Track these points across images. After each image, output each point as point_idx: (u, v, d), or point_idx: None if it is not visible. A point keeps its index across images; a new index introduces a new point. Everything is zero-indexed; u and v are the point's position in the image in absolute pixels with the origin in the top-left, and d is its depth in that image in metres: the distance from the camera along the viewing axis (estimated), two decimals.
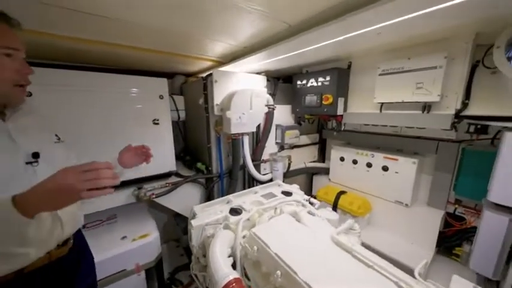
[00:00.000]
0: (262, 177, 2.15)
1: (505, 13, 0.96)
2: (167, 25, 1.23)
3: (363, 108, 1.90)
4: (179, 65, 2.19)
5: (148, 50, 1.64)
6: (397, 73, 1.52)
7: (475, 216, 1.70)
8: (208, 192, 1.98)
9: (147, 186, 1.65)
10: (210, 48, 1.68)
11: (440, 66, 1.32)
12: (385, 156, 2.00)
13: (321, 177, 2.68)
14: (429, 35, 1.33)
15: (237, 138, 1.83)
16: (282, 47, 1.31)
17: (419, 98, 1.43)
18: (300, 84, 2.19)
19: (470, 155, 1.68)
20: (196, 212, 1.48)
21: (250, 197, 1.67)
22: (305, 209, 1.54)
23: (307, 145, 2.69)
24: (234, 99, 1.69)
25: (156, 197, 1.61)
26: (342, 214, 2.21)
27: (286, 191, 1.81)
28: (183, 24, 1.22)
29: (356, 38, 1.17)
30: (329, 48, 1.40)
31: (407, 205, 1.91)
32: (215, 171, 1.97)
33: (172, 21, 1.18)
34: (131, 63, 2.03)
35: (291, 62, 1.81)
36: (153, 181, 1.75)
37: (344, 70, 1.92)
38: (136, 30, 1.27)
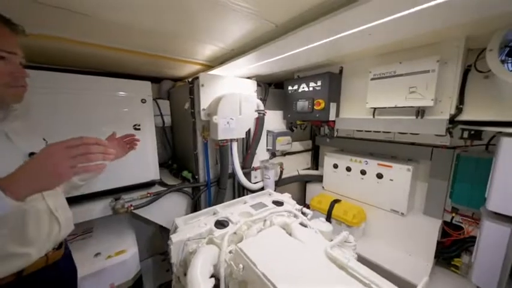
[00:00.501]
0: (252, 185, 2.04)
1: (494, 15, 0.93)
2: (152, 25, 1.17)
3: (356, 113, 1.85)
4: (167, 69, 2.12)
5: (134, 52, 1.56)
6: (389, 77, 1.48)
7: (473, 225, 1.64)
8: (195, 202, 1.85)
9: (126, 197, 1.52)
10: (197, 51, 1.61)
11: (433, 70, 1.28)
12: (379, 163, 1.94)
13: (315, 185, 2.59)
14: (420, 38, 1.31)
15: (225, 145, 1.73)
16: (270, 48, 1.25)
17: (413, 103, 1.38)
18: (292, 90, 2.14)
19: (465, 161, 1.63)
20: (178, 225, 1.35)
21: (239, 208, 1.56)
22: (297, 220, 1.43)
23: (300, 152, 2.62)
24: (222, 104, 1.61)
25: (134, 209, 1.47)
26: (337, 224, 2.11)
27: (277, 200, 1.70)
28: (168, 24, 1.16)
29: (347, 40, 1.13)
30: (319, 51, 1.35)
31: (403, 214, 1.84)
32: (202, 180, 1.85)
33: (157, 20, 1.12)
34: (118, 67, 1.94)
35: (281, 66, 1.75)
36: (134, 191, 1.62)
37: (336, 75, 1.88)
38: (122, 30, 1.21)
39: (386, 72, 1.49)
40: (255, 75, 2.09)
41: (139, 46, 1.51)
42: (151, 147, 1.67)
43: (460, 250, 1.73)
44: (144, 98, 1.60)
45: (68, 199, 1.03)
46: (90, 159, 0.64)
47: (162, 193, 1.65)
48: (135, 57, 1.65)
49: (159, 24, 1.15)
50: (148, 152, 1.65)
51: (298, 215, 1.52)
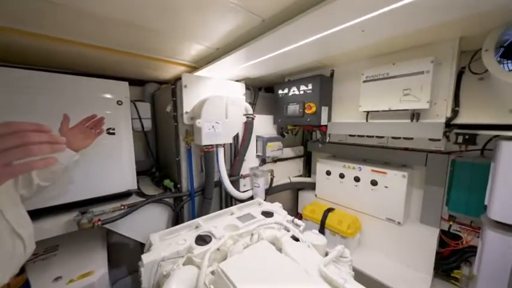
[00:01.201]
0: (240, 194, 1.90)
1: (487, 11, 0.88)
2: (130, 18, 1.06)
3: (348, 117, 1.78)
4: (150, 70, 1.99)
5: (112, 51, 1.44)
6: (382, 79, 1.42)
7: (472, 234, 1.56)
8: (177, 214, 1.68)
9: (96, 209, 1.34)
10: (181, 50, 1.50)
11: (428, 71, 1.23)
12: (373, 169, 1.86)
13: (307, 193, 2.48)
14: (413, 38, 1.26)
15: (210, 151, 1.60)
16: (258, 45, 1.16)
17: (408, 106, 1.31)
18: (282, 93, 2.06)
19: (460, 167, 1.57)
20: (153, 241, 1.19)
21: (224, 220, 1.41)
22: (288, 234, 1.30)
23: (292, 158, 2.51)
24: (206, 106, 1.49)
25: (103, 224, 1.29)
26: (330, 234, 1.99)
27: (267, 211, 1.57)
28: (147, 17, 1.06)
29: (339, 36, 1.05)
30: (310, 50, 1.27)
31: (400, 223, 1.75)
32: (185, 189, 1.70)
33: (135, 13, 1.01)
34: (98, 67, 1.79)
35: (270, 67, 1.67)
36: (106, 203, 1.44)
37: (327, 78, 1.81)
38: (97, 24, 1.10)
39: (379, 74, 1.43)
40: (244, 78, 2.00)
41: (118, 43, 1.39)
42: (128, 153, 1.51)
43: (459, 261, 1.64)
44: (120, 100, 1.45)
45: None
46: (31, 152, 0.48)
47: (139, 205, 1.48)
48: (114, 56, 1.51)
49: (138, 17, 1.05)
50: (124, 159, 1.49)
51: (289, 227, 1.39)
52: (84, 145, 1.01)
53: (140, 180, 2.08)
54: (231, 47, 1.31)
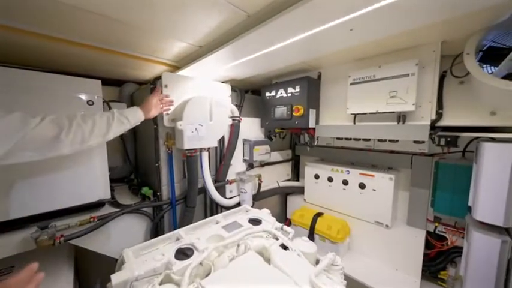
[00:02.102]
0: (226, 201, 1.80)
1: (466, 15, 0.90)
2: (104, 10, 0.95)
3: (336, 120, 1.76)
4: (129, 69, 1.85)
5: (85, 46, 1.31)
6: (368, 82, 1.42)
7: (456, 235, 1.58)
8: (156, 225, 1.54)
9: (60, 224, 1.17)
10: (161, 48, 1.40)
11: (413, 73, 1.23)
12: (361, 172, 1.85)
13: (296, 198, 2.43)
14: (398, 41, 1.27)
15: (193, 155, 1.49)
16: (243, 43, 1.09)
17: (394, 108, 1.31)
18: (269, 96, 2.01)
19: (443, 169, 1.61)
20: (127, 258, 1.05)
21: (208, 230, 1.30)
22: (276, 243, 1.22)
23: (280, 162, 2.46)
24: (188, 108, 1.39)
25: (67, 240, 1.13)
26: (320, 240, 1.94)
27: (254, 218, 1.48)
28: (125, 11, 0.97)
29: (327, 35, 1.02)
30: (297, 49, 1.23)
31: (388, 226, 1.74)
32: (165, 197, 1.57)
33: (111, 5, 0.91)
34: (73, 65, 1.63)
35: (257, 67, 1.61)
36: (73, 215, 1.28)
37: (314, 80, 1.79)
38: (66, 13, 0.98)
39: (365, 76, 1.43)
40: (230, 80, 1.93)
41: (91, 38, 1.27)
42: (100, 159, 1.35)
43: (445, 262, 1.66)
44: (90, 100, 1.31)
45: None
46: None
47: (112, 216, 1.32)
48: (86, 52, 1.38)
49: (113, 9, 0.95)
50: (94, 165, 1.33)
51: (278, 235, 1.31)
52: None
53: (116, 188, 1.91)
54: (215, 45, 1.24)
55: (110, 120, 1.05)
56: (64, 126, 0.89)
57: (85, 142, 0.97)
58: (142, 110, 1.22)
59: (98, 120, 1.00)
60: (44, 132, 0.83)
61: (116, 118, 1.08)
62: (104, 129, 1.03)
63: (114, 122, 1.06)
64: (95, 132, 0.98)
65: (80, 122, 0.95)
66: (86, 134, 0.96)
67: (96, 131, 0.99)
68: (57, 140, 0.87)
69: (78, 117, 0.95)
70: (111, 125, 1.05)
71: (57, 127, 0.88)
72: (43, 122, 0.84)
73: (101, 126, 1.01)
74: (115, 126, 1.07)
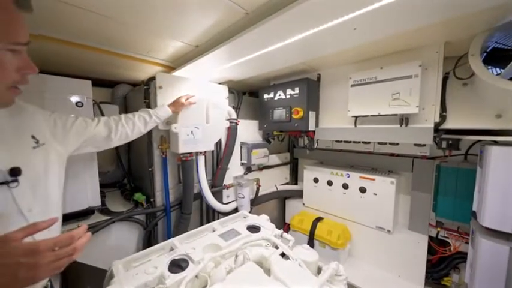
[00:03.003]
0: (223, 207, 1.73)
1: (470, 15, 0.88)
2: (97, 7, 0.91)
3: (336, 123, 1.72)
4: (122, 70, 1.78)
5: (77, 45, 1.25)
6: (370, 83, 1.38)
7: (460, 240, 1.55)
8: (149, 234, 1.46)
9: None
10: (156, 47, 1.35)
11: (416, 75, 1.20)
12: (361, 176, 1.81)
13: (295, 202, 2.37)
14: (400, 42, 1.23)
15: (189, 160, 1.42)
16: (241, 42, 1.04)
17: (397, 110, 1.28)
18: (267, 98, 1.96)
19: (445, 172, 1.57)
20: (116, 272, 0.97)
21: (204, 239, 1.24)
22: (276, 252, 1.16)
23: (278, 165, 2.40)
24: (184, 110, 1.32)
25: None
26: (320, 246, 1.89)
27: (253, 225, 1.42)
28: (118, 9, 0.93)
29: (329, 34, 0.97)
30: (297, 50, 1.18)
31: (390, 231, 1.69)
32: (159, 204, 1.49)
33: (104, 2, 0.87)
34: (64, 66, 1.55)
35: (255, 68, 1.56)
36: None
37: (314, 81, 1.75)
38: (61, 13, 0.95)
39: (367, 78, 1.39)
40: (227, 81, 1.87)
41: (83, 37, 1.21)
42: (89, 164, 1.28)
43: (449, 268, 1.62)
44: (80, 101, 1.24)
45: None
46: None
47: (101, 225, 1.25)
48: (77, 52, 1.31)
49: (107, 7, 0.91)
50: (83, 170, 1.26)
51: (278, 243, 1.25)
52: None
53: (108, 194, 1.82)
54: (211, 44, 1.19)
55: (147, 120, 1.22)
56: (112, 128, 1.07)
57: (128, 139, 1.17)
58: (170, 106, 1.31)
59: (137, 122, 1.18)
60: (100, 133, 1.02)
61: (153, 118, 1.23)
62: (142, 128, 1.20)
63: (151, 121, 1.23)
64: (135, 131, 1.17)
65: (123, 124, 1.12)
66: (129, 133, 1.15)
67: (136, 131, 1.18)
68: (108, 138, 1.06)
69: (122, 120, 1.13)
70: (147, 123, 1.22)
71: (108, 128, 1.05)
72: (99, 124, 1.03)
73: (140, 126, 1.18)
74: (150, 125, 1.24)
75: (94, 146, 1.04)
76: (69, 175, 1.19)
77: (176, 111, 1.34)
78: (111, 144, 1.11)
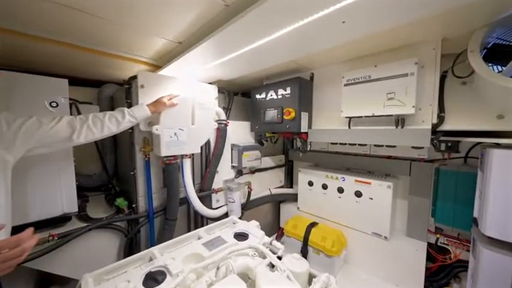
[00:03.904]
0: (212, 212, 1.65)
1: (468, 7, 0.81)
2: (77, 2, 0.86)
3: (330, 124, 1.65)
4: (107, 69, 1.72)
5: (56, 43, 1.19)
6: (364, 82, 1.31)
7: (460, 248, 1.47)
8: (130, 242, 1.38)
9: None
10: (139, 45, 1.29)
11: (412, 73, 1.13)
12: (357, 179, 1.73)
13: (289, 206, 2.29)
14: (395, 38, 1.16)
15: (172, 163, 1.34)
16: (224, 37, 0.97)
17: (392, 111, 1.20)
18: (260, 98, 1.88)
19: (444, 176, 1.50)
20: (85, 286, 0.89)
21: (187, 248, 1.16)
22: (264, 262, 1.08)
23: (272, 168, 2.32)
24: (166, 110, 1.25)
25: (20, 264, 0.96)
26: (314, 253, 1.80)
27: (241, 232, 1.34)
28: (98, 4, 0.88)
29: (316, 29, 0.90)
30: (285, 46, 1.11)
31: (387, 238, 1.61)
32: (142, 210, 1.41)
33: None
34: (43, 64, 1.48)
35: (243, 67, 1.49)
36: None
37: (306, 81, 1.68)
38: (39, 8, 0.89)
39: (360, 77, 1.32)
40: (217, 80, 1.80)
41: (62, 34, 1.15)
42: (64, 165, 1.20)
43: (449, 277, 1.53)
44: (54, 101, 1.16)
45: None
46: None
47: (76, 233, 1.16)
48: (55, 49, 1.25)
49: (86, 2, 0.83)
50: (57, 173, 1.18)
51: (266, 252, 1.17)
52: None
53: (92, 199, 1.74)
54: (194, 40, 1.12)
55: (120, 120, 1.12)
56: (75, 128, 0.98)
57: (96, 139, 1.08)
58: (149, 106, 1.23)
59: (106, 122, 1.08)
60: (58, 133, 0.94)
61: (126, 118, 1.14)
62: (114, 129, 1.11)
63: (124, 121, 1.13)
64: (104, 132, 1.08)
65: (90, 125, 1.03)
66: (97, 135, 1.06)
67: (106, 132, 1.09)
68: (69, 139, 0.98)
69: (89, 120, 1.03)
70: (120, 124, 1.13)
71: (71, 129, 0.97)
72: (60, 124, 0.95)
73: (110, 127, 1.09)
74: (125, 125, 1.15)
75: (50, 147, 0.96)
76: (37, 177, 1.11)
77: (156, 111, 1.24)
78: (71, 146, 1.06)
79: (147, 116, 1.21)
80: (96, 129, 1.04)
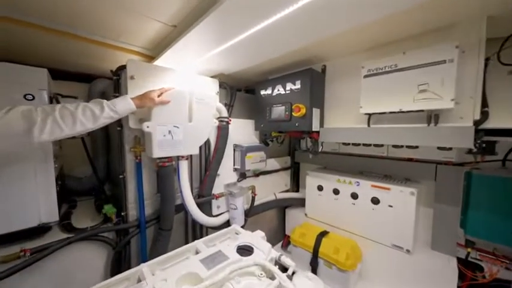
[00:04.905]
0: (212, 220, 1.47)
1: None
2: None
3: (344, 122, 1.47)
4: (97, 61, 1.56)
5: (33, 26, 1.02)
6: (389, 73, 1.12)
7: (497, 265, 1.27)
8: (118, 255, 1.21)
9: None
10: (129, 28, 1.13)
11: (451, 59, 0.94)
12: (374, 184, 1.55)
13: (296, 211, 2.11)
14: (427, 19, 0.98)
15: (167, 166, 1.17)
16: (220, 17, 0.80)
17: (425, 105, 1.02)
18: (265, 94, 1.71)
19: (478, 181, 1.30)
20: None
21: (183, 265, 0.99)
22: (272, 284, 0.91)
23: (277, 171, 2.14)
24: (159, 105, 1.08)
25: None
26: (325, 266, 1.62)
27: (244, 245, 1.16)
28: None
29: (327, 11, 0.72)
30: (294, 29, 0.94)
31: (409, 251, 1.42)
32: (132, 218, 1.24)
33: None
34: (18, 54, 1.32)
35: (246, 57, 1.32)
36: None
37: (318, 73, 1.50)
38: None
39: (384, 66, 1.13)
40: (218, 74, 1.63)
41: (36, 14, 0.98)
42: (42, 167, 1.04)
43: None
44: (30, 93, 1.00)
45: None
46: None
47: (53, 247, 1.00)
48: (37, 35, 1.09)
49: None
50: (32, 176, 1.01)
51: (275, 272, 0.99)
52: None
53: (80, 204, 1.59)
54: (190, 21, 0.94)
55: (98, 113, 0.94)
56: (35, 122, 0.81)
57: (66, 136, 0.90)
58: (135, 99, 1.05)
59: (79, 116, 0.90)
60: (8, 127, 0.77)
61: (105, 112, 0.97)
62: (89, 125, 0.93)
63: (103, 115, 0.96)
64: (77, 128, 0.90)
65: (57, 118, 0.85)
66: (66, 131, 0.88)
67: (79, 127, 0.91)
68: (26, 136, 0.80)
69: (56, 112, 0.85)
70: (97, 118, 0.95)
71: (27, 122, 0.80)
72: (9, 115, 0.78)
73: (84, 122, 0.91)
74: (103, 121, 0.97)
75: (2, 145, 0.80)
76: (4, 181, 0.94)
77: (142, 106, 1.06)
78: (34, 143, 0.84)
79: (131, 111, 1.03)
80: (66, 124, 0.86)
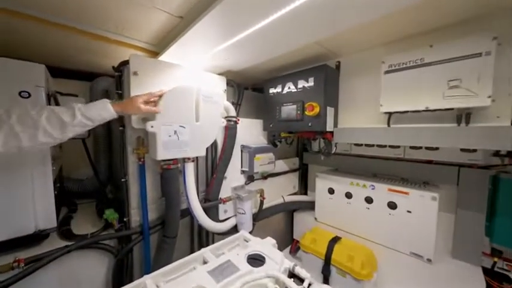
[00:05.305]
0: (219, 226, 1.39)
1: None
2: None
3: (360, 121, 1.38)
4: (99, 57, 1.49)
5: (35, 20, 0.95)
6: (414, 68, 1.03)
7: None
8: (120, 264, 1.13)
9: None
10: (131, 20, 1.05)
11: (488, 52, 0.85)
12: (391, 188, 1.45)
13: (304, 215, 2.02)
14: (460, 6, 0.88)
15: (172, 168, 1.09)
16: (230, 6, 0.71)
17: (456, 103, 0.92)
18: (274, 92, 1.63)
19: (507, 186, 1.21)
20: None
21: (189, 277, 0.91)
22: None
23: (285, 173, 2.06)
24: (164, 102, 1.00)
25: None
26: (338, 274, 1.53)
27: (255, 254, 1.08)
28: None
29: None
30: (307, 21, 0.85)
31: (430, 260, 1.32)
32: (135, 225, 1.16)
33: None
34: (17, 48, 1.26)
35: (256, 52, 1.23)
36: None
37: (333, 70, 1.41)
38: None
39: (409, 60, 1.04)
40: (225, 71, 1.55)
41: (35, 7, 0.90)
42: (39, 170, 0.96)
43: None
44: (25, 90, 0.93)
45: None
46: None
47: (50, 257, 0.92)
48: (41, 30, 1.02)
49: None
50: (29, 180, 0.94)
51: (290, 285, 0.90)
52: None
53: (82, 207, 1.52)
54: (198, 11, 0.86)
55: (67, 121, 0.80)
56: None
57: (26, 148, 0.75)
58: (116, 105, 0.90)
59: (43, 124, 0.75)
60: None
61: (77, 120, 0.82)
62: (56, 133, 0.79)
63: (74, 123, 0.81)
64: (39, 138, 0.75)
65: (13, 126, 0.71)
66: (25, 142, 0.73)
67: (42, 138, 0.76)
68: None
69: (12, 118, 0.72)
70: (66, 126, 0.80)
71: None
72: None
73: (50, 131, 0.77)
74: (73, 129, 0.82)
75: None
76: (5, 184, 0.87)
77: (125, 113, 0.94)
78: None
79: (111, 118, 0.90)
80: (25, 133, 0.72)
